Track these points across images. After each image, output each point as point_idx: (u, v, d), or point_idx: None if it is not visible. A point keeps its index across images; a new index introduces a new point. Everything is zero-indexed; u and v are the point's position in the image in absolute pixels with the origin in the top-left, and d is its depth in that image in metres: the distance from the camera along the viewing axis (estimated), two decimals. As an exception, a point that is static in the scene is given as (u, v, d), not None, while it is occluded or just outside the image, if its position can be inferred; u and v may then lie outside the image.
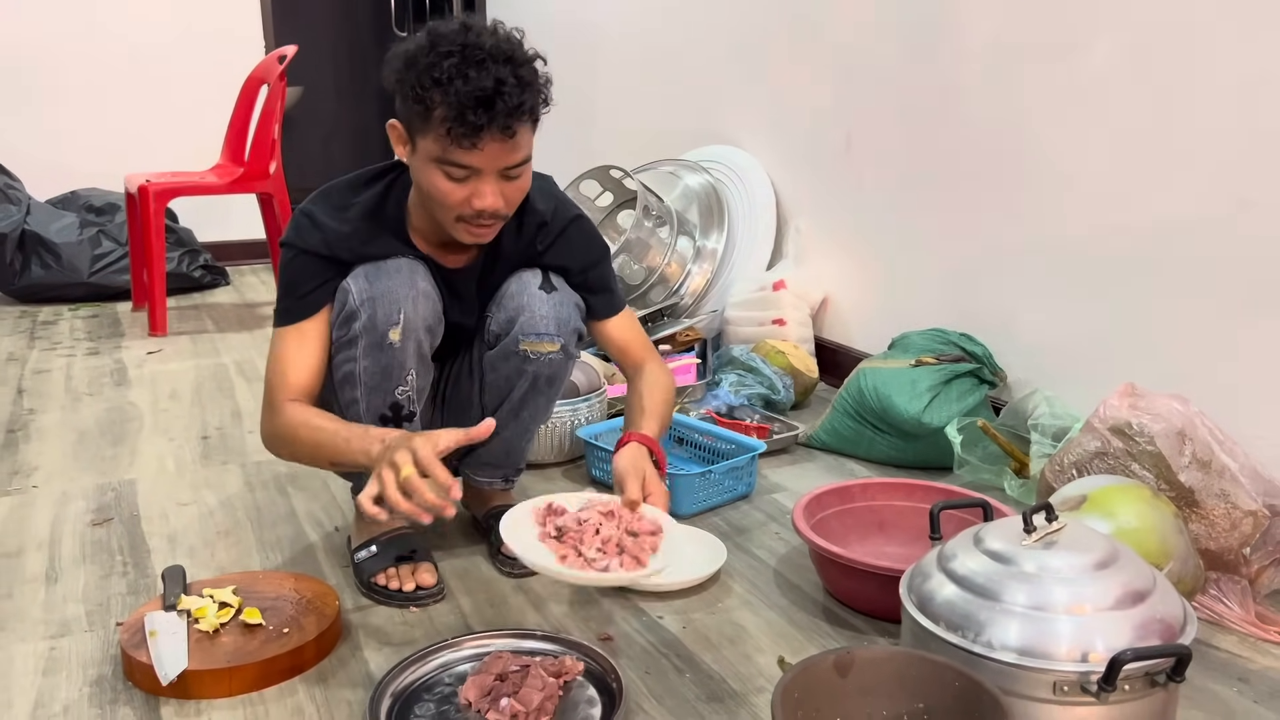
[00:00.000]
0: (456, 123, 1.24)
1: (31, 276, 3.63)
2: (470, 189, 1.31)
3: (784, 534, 1.73)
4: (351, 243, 1.41)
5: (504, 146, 1.28)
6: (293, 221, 1.44)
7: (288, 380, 1.40)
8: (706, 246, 2.80)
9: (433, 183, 1.32)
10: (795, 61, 2.69)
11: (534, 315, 1.47)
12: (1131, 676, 0.98)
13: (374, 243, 1.42)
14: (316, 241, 1.41)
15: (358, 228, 1.42)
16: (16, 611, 1.47)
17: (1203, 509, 1.44)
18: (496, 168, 1.30)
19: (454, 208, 1.33)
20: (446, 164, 1.29)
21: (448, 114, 1.25)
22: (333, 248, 1.41)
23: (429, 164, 1.31)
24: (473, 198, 1.31)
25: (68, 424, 2.33)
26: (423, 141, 1.30)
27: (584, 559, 1.24)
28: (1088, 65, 1.89)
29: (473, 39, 1.27)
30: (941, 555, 1.14)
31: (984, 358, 2.09)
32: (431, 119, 1.27)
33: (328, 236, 1.41)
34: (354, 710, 1.23)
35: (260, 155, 3.41)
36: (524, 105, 1.27)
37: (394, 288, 1.39)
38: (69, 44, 4.10)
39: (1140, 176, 1.82)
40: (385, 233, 1.43)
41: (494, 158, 1.29)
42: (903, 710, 1.03)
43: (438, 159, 1.29)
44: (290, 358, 1.41)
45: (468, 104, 1.23)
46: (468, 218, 1.34)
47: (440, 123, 1.26)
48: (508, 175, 1.32)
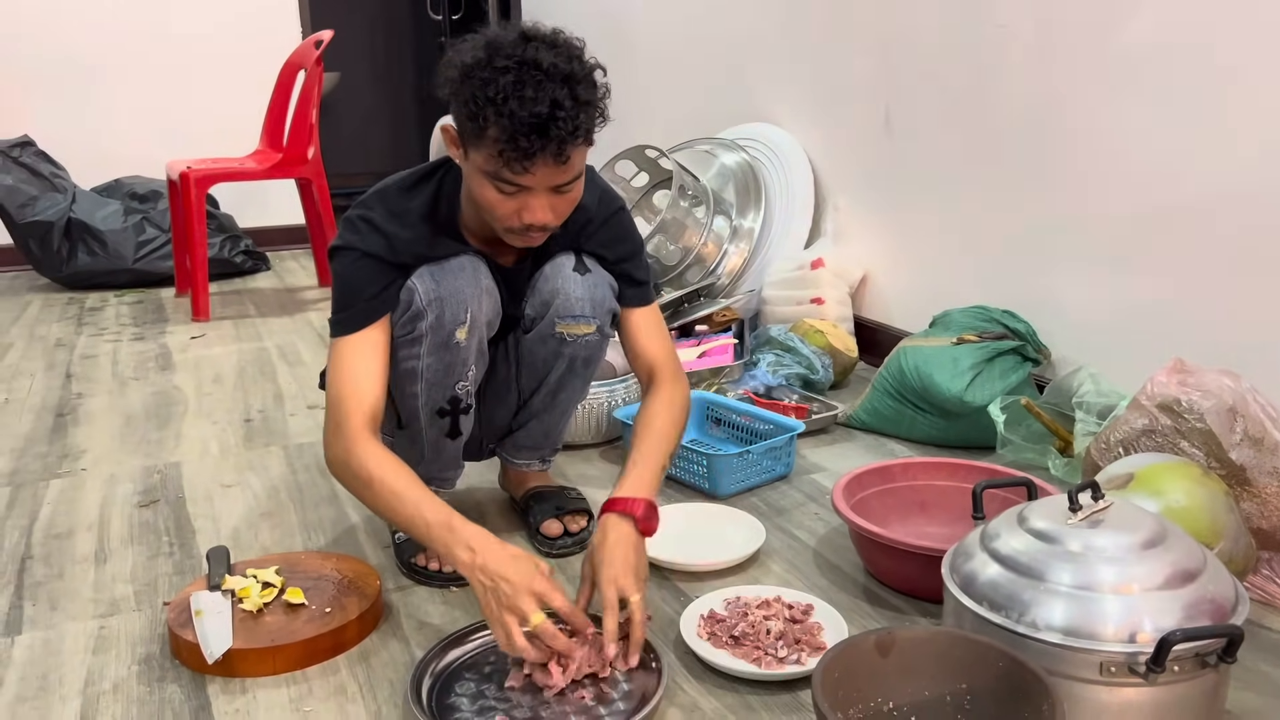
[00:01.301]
0: (509, 145, 1.20)
1: (78, 264, 3.69)
2: (520, 203, 1.28)
3: (823, 514, 1.71)
4: (416, 247, 1.38)
5: (556, 169, 1.24)
6: (347, 226, 1.38)
7: (359, 401, 1.33)
8: (743, 226, 2.78)
9: (484, 194, 1.29)
10: (833, 38, 2.65)
11: (569, 298, 1.47)
12: (1181, 657, 0.96)
13: (436, 245, 1.39)
14: (379, 245, 1.36)
15: (420, 231, 1.38)
16: (68, 591, 1.50)
17: (1255, 487, 1.41)
18: (547, 186, 1.27)
19: (503, 219, 1.30)
20: (498, 180, 1.26)
21: (500, 135, 1.20)
22: (397, 252, 1.36)
23: (480, 175, 1.27)
24: (522, 211, 1.28)
25: (114, 408, 2.37)
26: (475, 154, 1.26)
27: (776, 658, 1.25)
28: (1131, 37, 1.84)
29: (531, 54, 1.20)
30: (985, 535, 1.12)
31: (1027, 335, 2.06)
32: (485, 137, 1.22)
33: (391, 241, 1.36)
34: (395, 689, 1.24)
35: (298, 140, 3.44)
36: (579, 129, 1.22)
37: (460, 287, 1.38)
38: (111, 34, 4.15)
39: (1186, 149, 1.77)
40: (443, 234, 1.40)
41: (545, 179, 1.25)
42: (945, 691, 1.02)
43: (489, 174, 1.26)
44: (359, 373, 1.34)
45: (521, 129, 1.18)
46: (516, 230, 1.31)
47: (493, 143, 1.21)
48: (559, 191, 1.29)
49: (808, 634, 1.29)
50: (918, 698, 1.03)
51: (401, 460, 1.30)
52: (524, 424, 1.62)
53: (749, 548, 1.54)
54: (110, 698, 1.23)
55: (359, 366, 1.35)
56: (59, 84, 4.11)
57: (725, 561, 1.51)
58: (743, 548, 1.54)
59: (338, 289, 1.38)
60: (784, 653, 1.25)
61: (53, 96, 4.10)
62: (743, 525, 1.62)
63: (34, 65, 4.06)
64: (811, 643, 1.27)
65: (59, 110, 4.10)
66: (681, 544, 1.54)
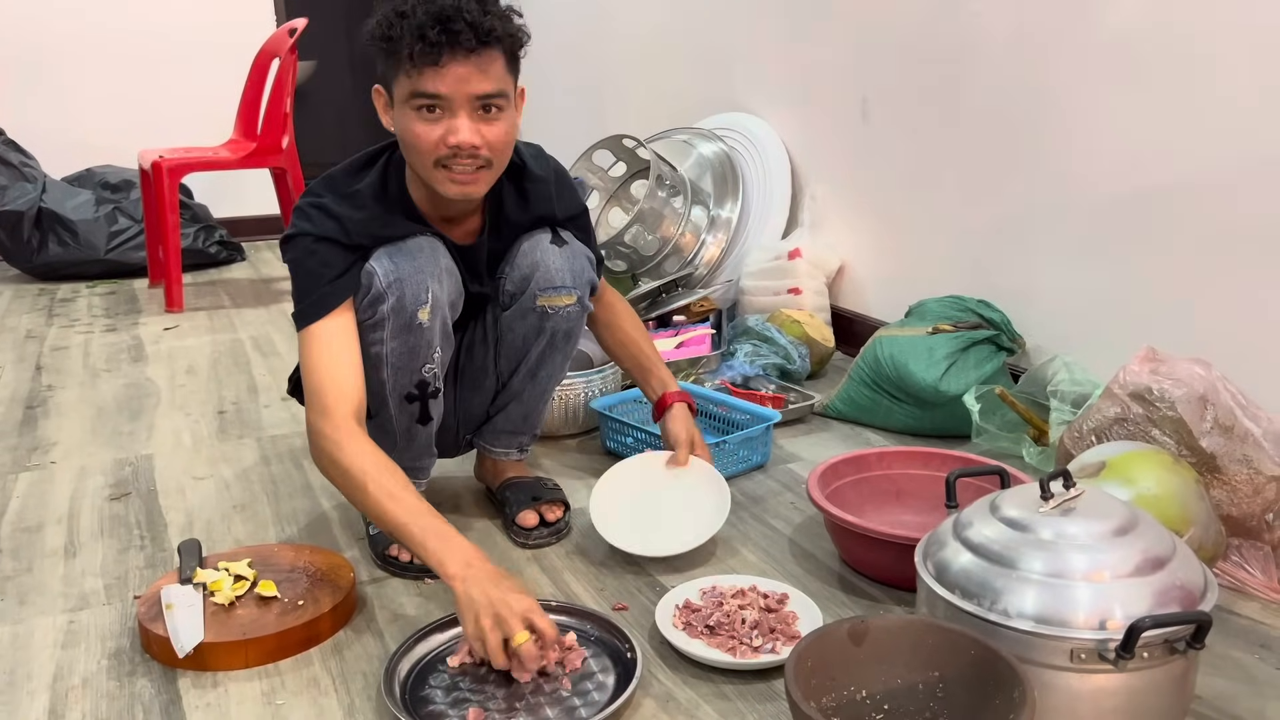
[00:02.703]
0: (418, 41, 1.24)
1: (49, 254, 3.65)
2: (444, 126, 1.29)
3: (799, 503, 1.72)
4: (371, 227, 1.37)
5: (469, 69, 1.26)
6: (298, 214, 1.38)
7: (342, 392, 1.31)
8: (721, 216, 2.78)
9: (410, 129, 1.30)
10: (810, 27, 2.65)
11: (549, 270, 1.47)
12: (1150, 644, 0.96)
13: (389, 223, 1.39)
14: (333, 229, 1.35)
15: (372, 211, 1.38)
16: (36, 585, 1.48)
17: (1225, 474, 1.42)
18: (466, 96, 1.28)
19: (430, 150, 1.30)
20: (417, 98, 1.28)
21: (411, 40, 1.25)
22: (351, 234, 1.36)
23: (404, 110, 1.30)
24: (447, 134, 1.29)
25: (86, 400, 2.34)
26: (397, 87, 1.30)
27: (751, 647, 1.25)
28: (1107, 25, 1.85)
29: None
30: (957, 523, 1.13)
31: (1002, 324, 2.07)
32: (399, 54, 1.27)
33: (344, 223, 1.36)
34: (369, 682, 1.23)
35: (273, 130, 3.40)
36: (484, 25, 1.26)
37: (420, 267, 1.37)
38: (82, 21, 4.09)
39: (1160, 139, 1.78)
40: (396, 213, 1.40)
41: (460, 81, 1.27)
42: (918, 679, 1.02)
43: (409, 96, 1.28)
44: (336, 361, 1.33)
45: (427, 24, 1.24)
46: (445, 159, 1.31)
47: (406, 51, 1.26)
48: (483, 109, 1.30)
49: (783, 623, 1.29)
50: (891, 686, 1.03)
51: (389, 458, 1.29)
52: (503, 407, 1.62)
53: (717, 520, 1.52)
54: (79, 692, 1.22)
55: (335, 354, 1.34)
56: (29, 71, 4.05)
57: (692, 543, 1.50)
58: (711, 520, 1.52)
59: (298, 278, 1.37)
60: (759, 642, 1.25)
61: (22, 84, 4.04)
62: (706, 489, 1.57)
63: (3, 52, 3.99)
64: (786, 632, 1.27)
65: (29, 98, 4.04)
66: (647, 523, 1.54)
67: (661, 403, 1.63)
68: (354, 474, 1.26)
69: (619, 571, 1.49)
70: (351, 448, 1.28)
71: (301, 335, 1.36)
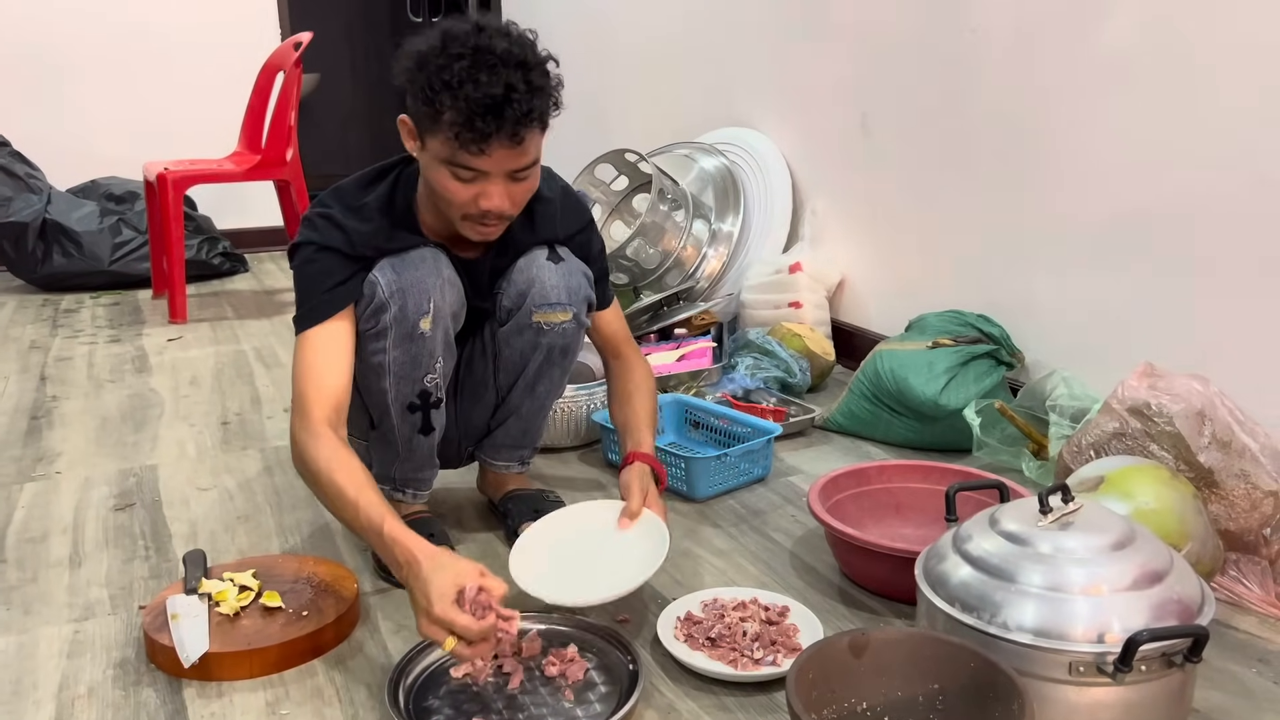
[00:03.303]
0: (465, 128, 1.24)
1: (53, 265, 3.66)
2: (478, 189, 1.31)
3: (800, 516, 1.73)
4: (375, 240, 1.40)
5: (512, 152, 1.28)
6: (305, 224, 1.41)
7: (320, 394, 1.34)
8: (722, 230, 2.79)
9: (441, 182, 1.32)
10: (810, 42, 2.67)
11: (544, 286, 1.48)
12: (1148, 657, 0.98)
13: (394, 237, 1.41)
14: (338, 239, 1.38)
15: (378, 224, 1.40)
16: (41, 595, 1.49)
17: (1222, 489, 1.43)
18: (504, 171, 1.30)
19: (461, 206, 1.33)
20: (454, 166, 1.29)
21: (456, 119, 1.24)
22: (355, 245, 1.38)
23: (437, 163, 1.31)
24: (480, 198, 1.31)
25: (90, 411, 2.36)
26: (432, 141, 1.30)
27: (752, 659, 1.26)
28: (1105, 43, 1.87)
29: (484, 41, 1.25)
30: (957, 537, 1.14)
31: (1001, 339, 2.08)
32: (441, 122, 1.26)
33: (349, 234, 1.38)
34: (372, 691, 1.24)
35: (277, 142, 3.42)
36: (533, 112, 1.26)
37: (422, 277, 1.39)
38: (88, 33, 4.12)
39: (1158, 155, 1.80)
40: (401, 227, 1.42)
41: (501, 162, 1.29)
42: (918, 691, 1.03)
43: (446, 160, 1.29)
44: (322, 366, 1.35)
45: (476, 110, 1.23)
46: (474, 217, 1.34)
47: (449, 126, 1.25)
48: (515, 177, 1.32)
49: (784, 635, 1.30)
50: (891, 698, 1.04)
51: (357, 459, 1.30)
52: (502, 421, 1.63)
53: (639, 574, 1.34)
54: (85, 702, 1.23)
55: (322, 358, 1.36)
56: (35, 84, 4.07)
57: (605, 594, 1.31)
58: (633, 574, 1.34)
59: (299, 285, 1.40)
60: (760, 654, 1.26)
61: (28, 96, 4.06)
62: (642, 541, 1.40)
63: (9, 64, 4.02)
64: (787, 644, 1.28)
65: (34, 110, 4.06)
66: (567, 569, 1.39)
67: (625, 459, 1.51)
68: (312, 470, 1.30)
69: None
70: (314, 446, 1.30)
71: (297, 340, 1.39)
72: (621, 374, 1.63)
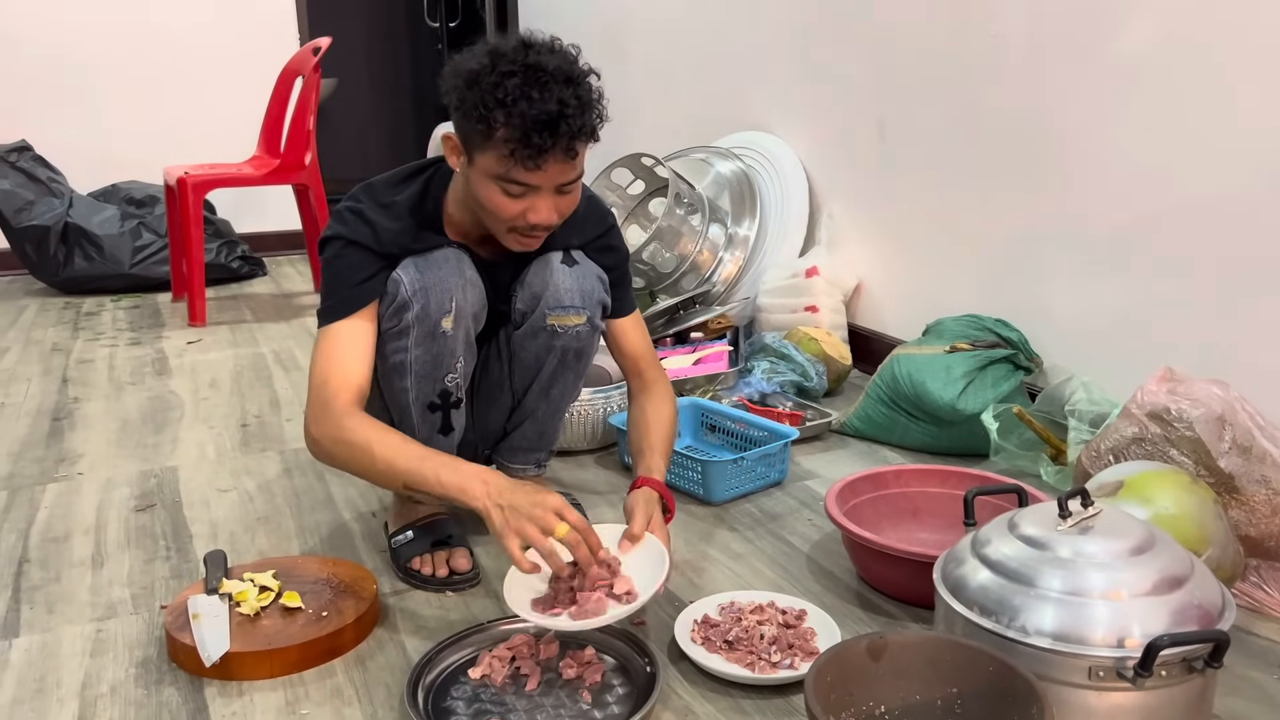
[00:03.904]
0: (521, 144, 1.25)
1: (75, 268, 3.70)
2: (526, 204, 1.32)
3: (817, 520, 1.73)
4: (402, 239, 1.41)
5: (565, 166, 1.30)
6: (335, 218, 1.43)
7: (345, 381, 1.35)
8: (739, 233, 2.79)
9: (489, 197, 1.33)
10: (828, 47, 2.67)
11: (558, 289, 1.49)
12: (1168, 662, 0.97)
13: (420, 238, 1.43)
14: (365, 235, 1.39)
15: (405, 224, 1.42)
16: (64, 594, 1.51)
17: (1243, 495, 1.43)
18: (554, 185, 1.32)
19: (509, 220, 1.34)
20: (507, 181, 1.30)
21: (511, 135, 1.25)
22: (382, 242, 1.40)
23: (487, 179, 1.31)
24: (528, 212, 1.33)
25: (111, 413, 2.38)
26: (482, 158, 1.30)
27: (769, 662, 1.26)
28: (1124, 45, 1.86)
29: (534, 59, 1.26)
30: (976, 541, 1.14)
31: (1020, 343, 2.07)
32: (494, 139, 1.27)
33: (376, 231, 1.40)
34: (391, 692, 1.25)
35: (296, 147, 3.45)
36: (586, 127, 1.28)
37: (444, 277, 1.41)
38: (109, 39, 4.16)
39: (1178, 157, 1.79)
40: (427, 228, 1.44)
41: (554, 177, 1.30)
42: (936, 695, 1.03)
43: (498, 176, 1.30)
44: (344, 356, 1.37)
45: (533, 127, 1.24)
46: (520, 229, 1.36)
47: (504, 143, 1.26)
48: (562, 191, 1.34)
49: (801, 639, 1.30)
50: (909, 702, 1.04)
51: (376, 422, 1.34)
52: (519, 424, 1.64)
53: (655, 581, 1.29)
54: (108, 700, 1.24)
55: (344, 350, 1.38)
56: (57, 89, 4.11)
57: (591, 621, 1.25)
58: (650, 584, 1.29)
59: (325, 278, 1.42)
60: (777, 657, 1.26)
61: (50, 101, 4.10)
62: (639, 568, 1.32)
63: (32, 70, 4.06)
64: (805, 647, 1.28)
65: (56, 115, 4.10)
66: None
67: (634, 484, 1.46)
68: (359, 443, 1.31)
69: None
70: (350, 423, 1.32)
71: (321, 331, 1.40)
72: (640, 396, 1.60)
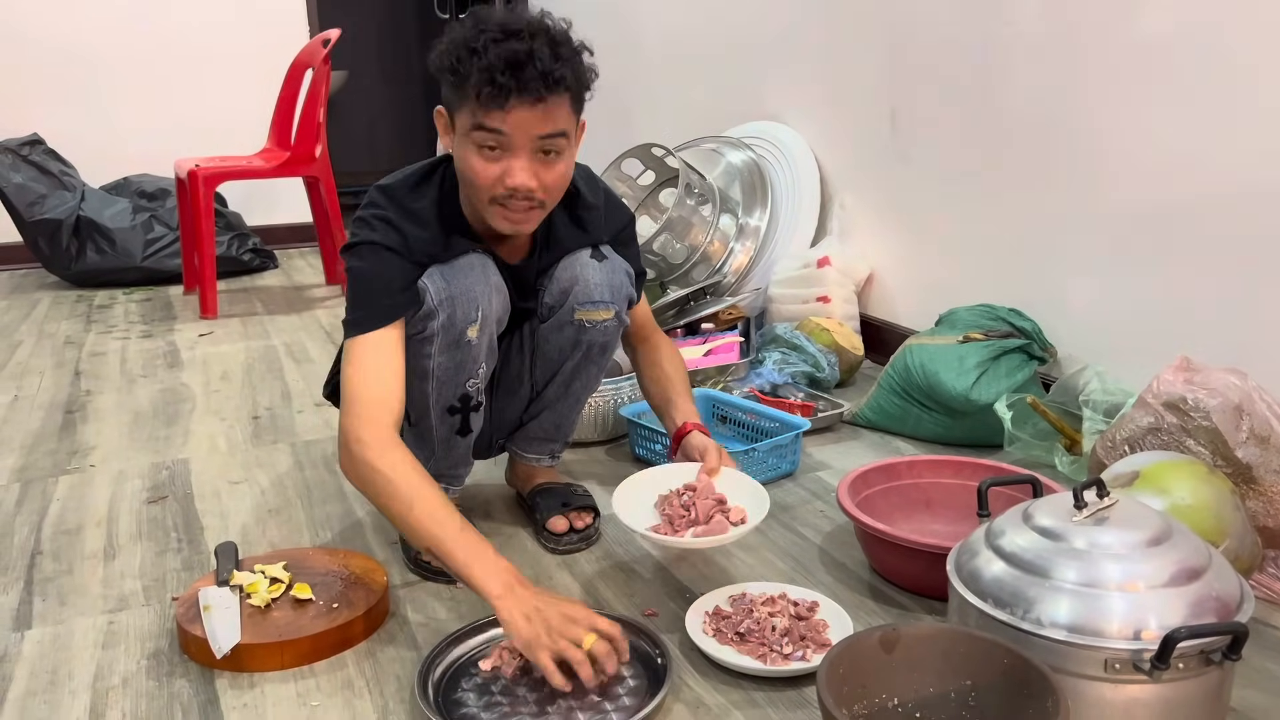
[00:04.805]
0: (486, 84, 1.25)
1: (87, 262, 3.71)
2: (503, 166, 1.30)
3: (829, 512, 1.72)
4: (431, 247, 1.39)
5: (533, 114, 1.27)
6: (363, 224, 1.38)
7: (386, 404, 1.33)
8: (749, 224, 2.78)
9: (468, 161, 1.31)
10: (840, 36, 2.65)
11: (588, 284, 1.48)
12: (1186, 655, 0.96)
13: (449, 246, 1.40)
14: (398, 242, 1.37)
15: (433, 231, 1.39)
16: (77, 586, 1.51)
17: (1261, 485, 1.41)
18: (528, 137, 1.28)
19: (488, 187, 1.32)
20: (479, 132, 1.28)
21: (479, 78, 1.25)
22: (413, 250, 1.38)
23: (465, 141, 1.31)
24: (505, 175, 1.30)
25: (123, 405, 2.38)
26: (459, 117, 1.30)
27: (781, 654, 1.26)
28: (1140, 33, 1.84)
29: (514, 23, 1.28)
30: (990, 532, 1.13)
31: (1033, 333, 2.06)
32: (466, 89, 1.27)
33: (408, 239, 1.37)
34: (402, 683, 1.24)
35: (306, 139, 3.45)
36: (554, 73, 1.26)
37: (471, 286, 1.39)
38: (120, 33, 4.17)
39: (1194, 146, 1.77)
40: (453, 233, 1.42)
41: (523, 124, 1.27)
42: (950, 687, 1.02)
43: (471, 129, 1.29)
44: (385, 374, 1.34)
45: (498, 66, 1.24)
46: (501, 198, 1.32)
47: (473, 90, 1.26)
48: (542, 152, 1.31)
49: (813, 631, 1.29)
50: (923, 694, 1.03)
51: (425, 470, 1.30)
52: (536, 414, 1.63)
53: (759, 511, 1.39)
54: (119, 692, 1.24)
55: (384, 365, 1.35)
56: (68, 82, 4.12)
57: (736, 533, 1.38)
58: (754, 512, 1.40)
59: (358, 286, 1.38)
60: (789, 649, 1.25)
61: (62, 95, 4.12)
62: (740, 487, 1.45)
63: (43, 64, 4.07)
64: (817, 639, 1.27)
65: (68, 109, 4.11)
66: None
67: (681, 430, 1.54)
68: (397, 487, 1.27)
69: (648, 578, 1.50)
70: (393, 458, 1.29)
71: (353, 341, 1.36)
72: (650, 355, 1.66)
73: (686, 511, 1.40)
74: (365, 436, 1.30)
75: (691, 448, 1.51)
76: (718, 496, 1.43)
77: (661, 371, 1.63)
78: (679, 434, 1.54)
